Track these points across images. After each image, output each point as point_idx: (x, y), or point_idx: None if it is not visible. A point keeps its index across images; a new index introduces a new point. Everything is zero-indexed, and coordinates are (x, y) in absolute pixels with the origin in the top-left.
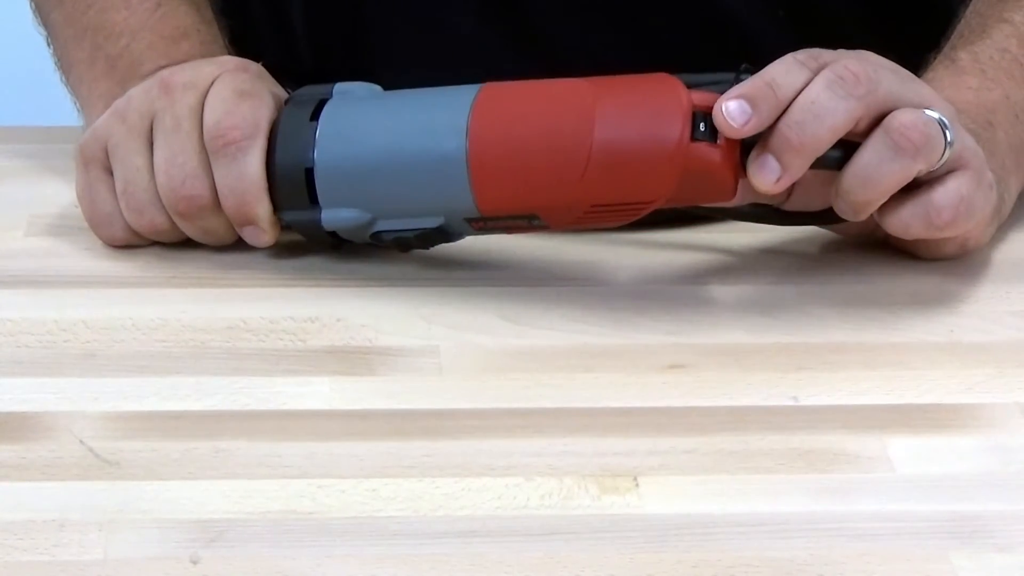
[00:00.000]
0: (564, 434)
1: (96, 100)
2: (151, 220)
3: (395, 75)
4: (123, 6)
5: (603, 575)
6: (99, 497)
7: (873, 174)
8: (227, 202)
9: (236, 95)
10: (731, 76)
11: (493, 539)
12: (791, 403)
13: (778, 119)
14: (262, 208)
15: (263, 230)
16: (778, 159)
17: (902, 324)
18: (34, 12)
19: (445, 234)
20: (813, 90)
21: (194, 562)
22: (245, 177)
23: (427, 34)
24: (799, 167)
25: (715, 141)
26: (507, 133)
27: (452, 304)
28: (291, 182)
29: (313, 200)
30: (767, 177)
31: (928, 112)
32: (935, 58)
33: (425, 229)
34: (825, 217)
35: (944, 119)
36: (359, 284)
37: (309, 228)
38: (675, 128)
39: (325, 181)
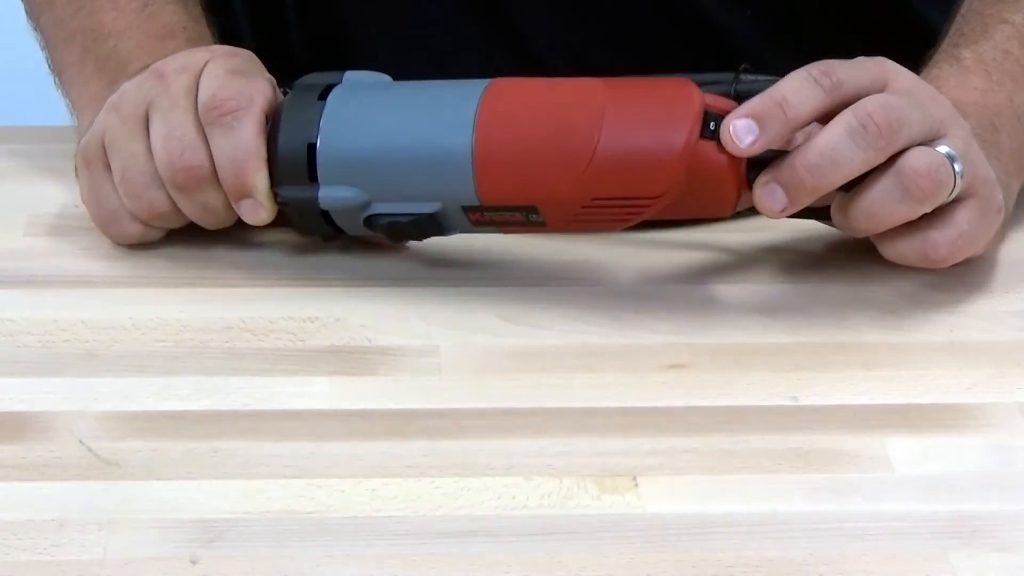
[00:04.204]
0: (564, 434)
1: (87, 102)
2: (150, 201)
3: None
4: (111, 7)
5: (603, 575)
6: (99, 497)
7: (879, 212)
8: (224, 173)
9: (229, 73)
10: (731, 76)
11: (493, 539)
12: (791, 403)
13: (795, 156)
14: (259, 178)
15: (260, 204)
16: (786, 193)
17: (902, 324)
18: (27, 16)
19: (439, 224)
20: (835, 135)
21: (194, 562)
22: (241, 146)
23: (405, 33)
24: (805, 203)
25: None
26: (515, 120)
27: (452, 304)
28: (292, 157)
29: (313, 178)
30: (773, 206)
31: (939, 148)
32: (934, 54)
33: (420, 215)
34: (828, 215)
35: (954, 152)
36: (359, 284)
37: (305, 207)
38: (686, 123)
39: (327, 158)
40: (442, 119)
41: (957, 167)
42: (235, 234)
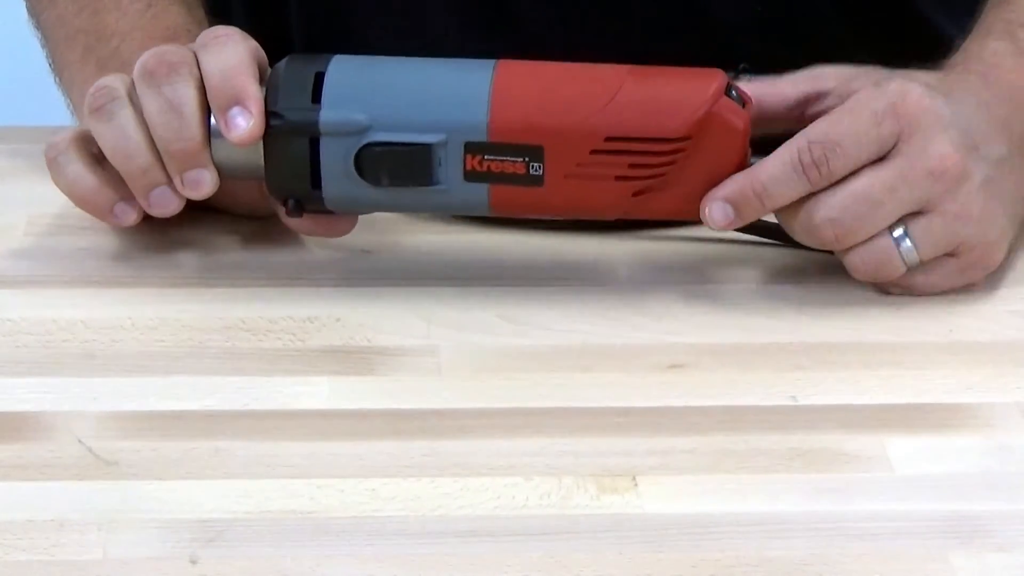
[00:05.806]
0: (563, 434)
1: None
2: (102, 82)
3: None
4: (114, 7)
5: (602, 575)
6: (98, 497)
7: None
8: (213, 80)
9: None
10: (731, 75)
11: (492, 539)
12: (790, 403)
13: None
14: (252, 84)
15: (250, 113)
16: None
17: (902, 324)
18: (28, 13)
19: (430, 166)
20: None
21: (193, 562)
22: (233, 56)
23: (405, 23)
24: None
25: (743, 107)
26: (540, 65)
27: (452, 304)
28: (297, 79)
29: (316, 100)
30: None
31: (895, 232)
32: (979, 23)
33: (417, 145)
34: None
35: (905, 236)
36: (358, 284)
37: (298, 132)
38: (714, 77)
39: (336, 77)
40: (463, 62)
41: (906, 248)
42: (234, 234)
